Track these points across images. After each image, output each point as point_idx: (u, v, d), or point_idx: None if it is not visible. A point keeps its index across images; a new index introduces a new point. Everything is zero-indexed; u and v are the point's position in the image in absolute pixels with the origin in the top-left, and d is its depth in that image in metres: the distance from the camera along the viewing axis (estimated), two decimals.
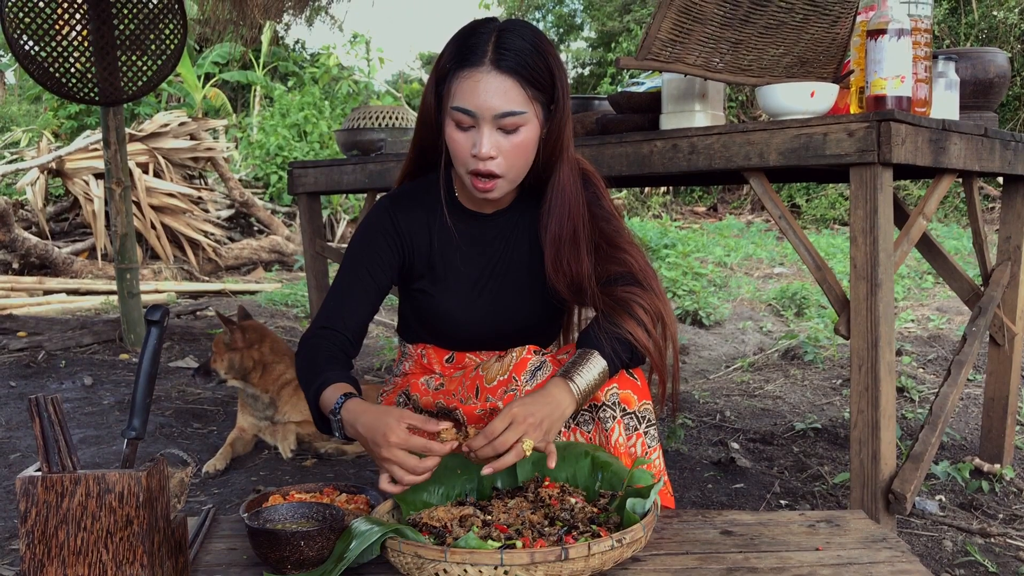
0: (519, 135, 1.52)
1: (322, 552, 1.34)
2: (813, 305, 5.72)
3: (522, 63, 1.49)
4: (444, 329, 1.72)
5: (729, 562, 1.36)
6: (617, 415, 1.54)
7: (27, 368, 4.29)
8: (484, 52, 1.50)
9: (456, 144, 1.54)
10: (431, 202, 1.69)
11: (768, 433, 3.11)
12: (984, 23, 10.67)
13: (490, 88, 1.49)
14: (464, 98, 1.50)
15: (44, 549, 1.17)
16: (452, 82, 1.53)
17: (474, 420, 1.57)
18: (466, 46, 1.52)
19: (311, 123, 11.88)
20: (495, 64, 1.49)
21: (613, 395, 1.55)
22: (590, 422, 1.56)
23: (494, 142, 1.51)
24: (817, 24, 2.11)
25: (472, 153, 1.52)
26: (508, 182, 1.57)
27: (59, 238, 8.45)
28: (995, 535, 2.22)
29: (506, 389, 1.52)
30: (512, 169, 1.55)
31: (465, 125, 1.52)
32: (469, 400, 1.59)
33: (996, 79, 2.36)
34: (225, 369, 2.92)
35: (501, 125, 1.51)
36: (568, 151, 1.62)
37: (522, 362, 1.55)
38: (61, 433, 1.18)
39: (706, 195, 12.63)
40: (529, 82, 1.50)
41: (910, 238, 2.04)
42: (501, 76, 1.49)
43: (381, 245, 1.67)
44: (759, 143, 2.01)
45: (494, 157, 1.52)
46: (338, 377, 1.51)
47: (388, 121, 3.15)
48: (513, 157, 1.54)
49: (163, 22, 4.61)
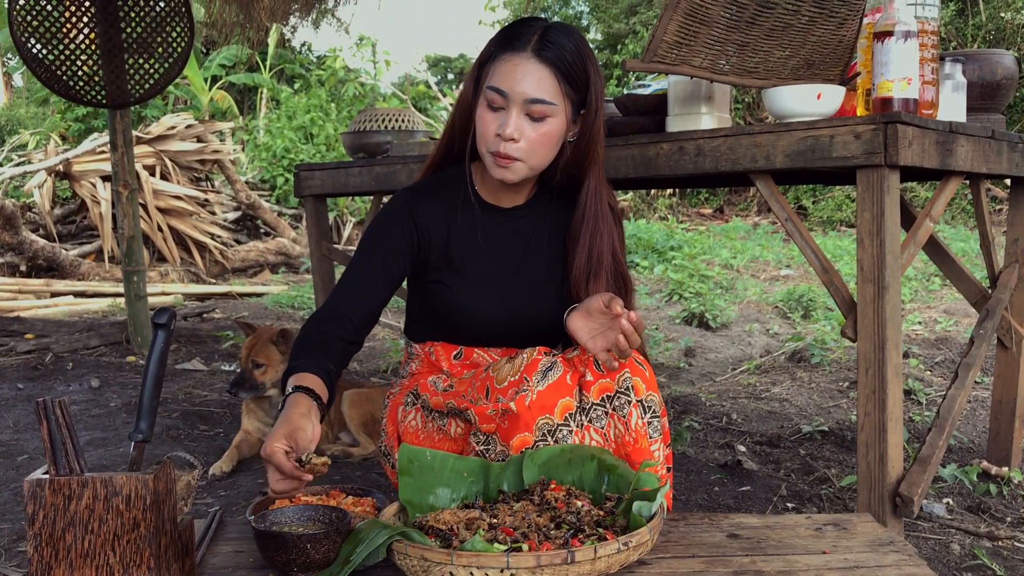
0: (545, 125, 1.60)
1: (328, 555, 1.34)
2: (820, 307, 5.71)
3: (561, 57, 1.58)
4: (457, 322, 1.74)
5: (736, 565, 1.36)
6: (632, 399, 1.56)
7: (34, 370, 4.30)
8: (528, 41, 1.59)
9: (484, 123, 1.62)
10: (451, 195, 1.73)
11: (775, 436, 3.10)
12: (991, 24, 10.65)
13: (526, 73, 1.58)
14: (500, 79, 1.59)
15: (52, 552, 1.17)
16: (493, 64, 1.62)
17: (485, 420, 1.57)
18: (513, 34, 1.62)
19: (317, 125, 11.90)
20: (536, 52, 1.58)
21: (626, 380, 1.56)
22: (603, 417, 1.57)
23: (519, 126, 1.59)
24: (823, 26, 2.10)
25: (496, 132, 1.59)
26: (527, 168, 1.63)
27: (66, 240, 8.48)
28: (1003, 538, 2.21)
29: (517, 390, 1.53)
30: (532, 156, 1.62)
31: (496, 105, 1.60)
32: (480, 401, 1.59)
33: (1003, 81, 2.36)
34: (271, 380, 2.86)
35: (529, 111, 1.59)
36: (600, 161, 1.69)
37: (533, 363, 1.55)
38: (68, 436, 1.18)
39: (712, 197, 12.61)
40: (564, 77, 1.59)
41: (917, 240, 2.04)
42: (539, 64, 1.58)
43: (397, 234, 1.70)
44: (765, 145, 2.00)
45: (516, 140, 1.59)
46: (308, 366, 1.51)
47: (394, 124, 3.15)
48: (535, 145, 1.61)
49: (170, 25, 4.63)
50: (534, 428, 1.52)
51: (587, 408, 1.57)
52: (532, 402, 1.52)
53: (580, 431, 1.56)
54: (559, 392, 1.54)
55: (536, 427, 1.52)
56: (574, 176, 1.70)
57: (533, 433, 1.52)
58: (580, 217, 1.70)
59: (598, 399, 1.56)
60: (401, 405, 1.78)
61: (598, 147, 1.68)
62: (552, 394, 1.53)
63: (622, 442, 1.56)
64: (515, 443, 1.53)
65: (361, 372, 4.32)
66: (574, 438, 1.54)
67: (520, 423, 1.52)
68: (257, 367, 2.85)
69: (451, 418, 1.68)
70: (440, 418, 1.70)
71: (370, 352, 4.88)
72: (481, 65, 1.65)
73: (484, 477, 1.50)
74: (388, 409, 1.82)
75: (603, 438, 1.57)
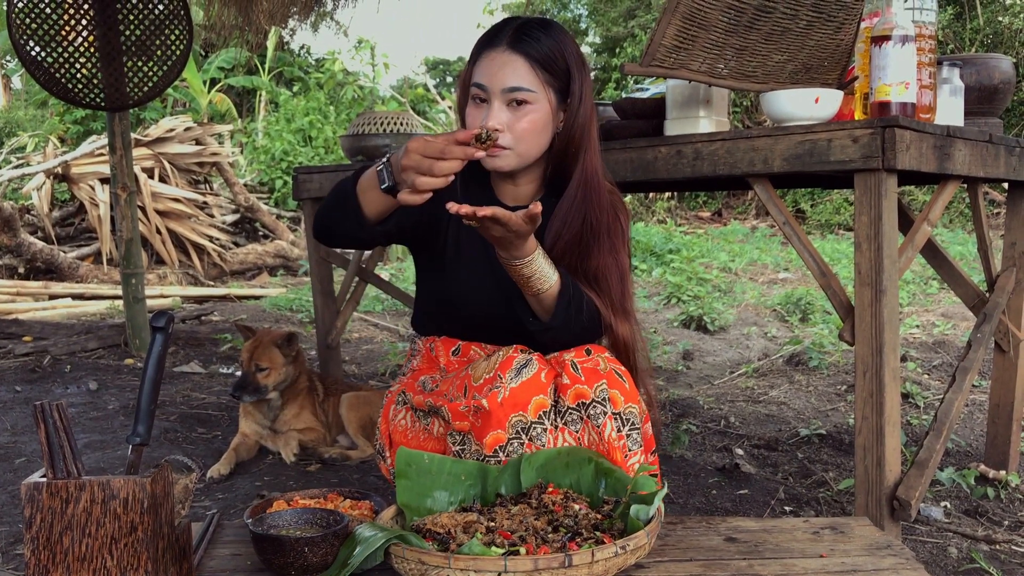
0: (527, 112, 1.63)
1: (326, 558, 1.34)
2: (818, 311, 5.72)
3: (535, 47, 1.63)
4: (453, 310, 1.76)
5: (733, 569, 1.36)
6: (608, 411, 1.54)
7: (32, 373, 4.30)
8: (504, 36, 1.65)
9: (471, 117, 1.67)
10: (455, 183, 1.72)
11: (772, 439, 3.10)
12: (989, 28, 10.67)
13: (502, 64, 1.63)
14: (480, 74, 1.65)
15: (49, 555, 1.17)
16: (475, 63, 1.68)
17: (459, 418, 1.57)
18: (491, 33, 1.69)
19: (316, 128, 11.91)
20: (510, 45, 1.64)
21: (602, 391, 1.55)
22: (578, 421, 1.55)
23: (500, 116, 1.63)
24: (821, 30, 2.11)
25: (481, 125, 1.62)
26: (516, 156, 1.66)
27: (65, 243, 8.48)
28: (1000, 542, 2.21)
29: (491, 387, 1.53)
30: (520, 143, 1.65)
31: (480, 99, 1.65)
32: (456, 398, 1.59)
33: (1001, 85, 2.36)
34: (274, 384, 2.88)
35: (509, 99, 1.62)
36: (592, 149, 1.70)
37: (508, 360, 1.55)
38: (66, 439, 1.18)
39: (710, 200, 12.62)
40: (541, 65, 1.63)
41: (915, 244, 2.04)
42: (514, 55, 1.63)
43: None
44: (763, 149, 2.01)
45: (500, 130, 1.62)
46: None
47: (393, 127, 3.16)
48: (521, 133, 1.64)
49: (169, 28, 4.63)
50: (507, 426, 1.51)
51: (562, 411, 1.56)
52: (504, 399, 1.51)
53: (555, 431, 1.55)
54: (532, 390, 1.53)
55: (509, 424, 1.51)
56: (569, 159, 1.69)
57: (506, 431, 1.51)
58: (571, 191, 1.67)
59: (574, 404, 1.55)
60: (393, 404, 1.79)
61: (588, 138, 1.68)
62: (525, 391, 1.52)
63: (596, 450, 1.55)
64: (488, 441, 1.52)
65: (359, 375, 4.32)
66: (548, 437, 1.54)
67: (492, 420, 1.51)
68: (260, 370, 2.85)
69: (433, 417, 1.69)
70: (424, 417, 1.71)
71: (368, 355, 4.88)
72: (468, 70, 1.70)
73: (482, 480, 1.50)
74: (383, 407, 1.83)
75: (576, 442, 1.56)
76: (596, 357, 1.58)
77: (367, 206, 1.59)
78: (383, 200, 1.56)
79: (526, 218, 1.42)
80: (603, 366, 1.57)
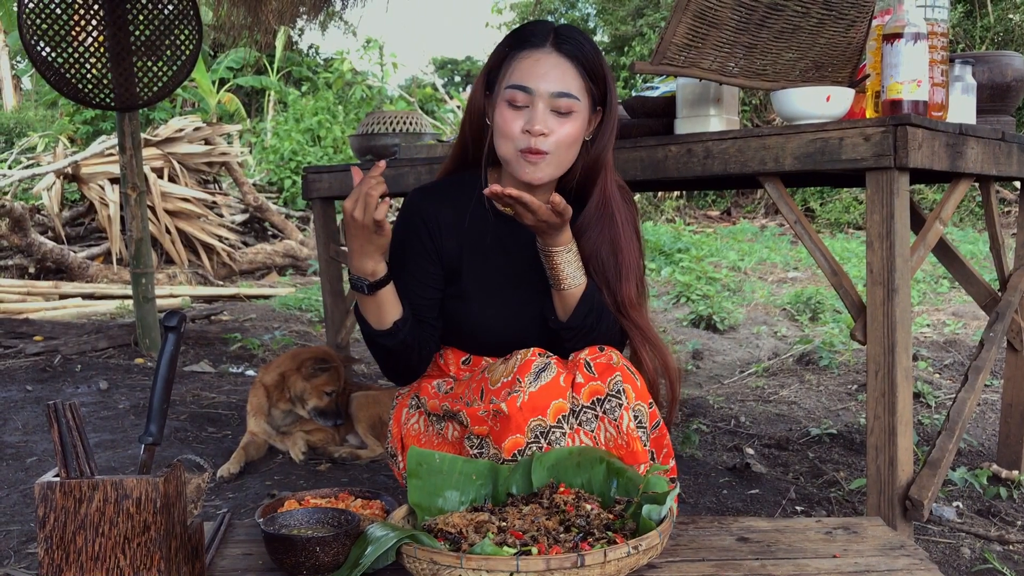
0: (569, 121, 1.57)
1: (337, 558, 1.34)
2: (828, 310, 5.70)
3: (581, 51, 1.57)
4: (464, 331, 1.73)
5: (746, 569, 1.35)
6: (623, 403, 1.53)
7: (43, 372, 4.32)
8: (545, 37, 1.57)
9: (506, 122, 1.57)
10: (462, 201, 1.70)
11: (783, 439, 3.10)
12: (1000, 26, 10.61)
13: (550, 67, 1.55)
14: (522, 76, 1.56)
15: (62, 554, 1.17)
16: (510, 63, 1.59)
17: (478, 422, 1.56)
18: (526, 32, 1.60)
19: (325, 128, 11.92)
20: (556, 47, 1.57)
21: (616, 383, 1.54)
22: (593, 420, 1.54)
23: (549, 123, 1.55)
24: (832, 28, 2.10)
25: (524, 129, 1.55)
26: (553, 166, 1.59)
27: (75, 243, 8.51)
28: (1014, 542, 2.20)
29: (510, 391, 1.51)
30: (558, 151, 1.58)
31: (519, 103, 1.56)
32: (474, 402, 1.58)
33: (1013, 83, 2.35)
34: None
35: (555, 106, 1.55)
36: (611, 166, 1.67)
37: (526, 364, 1.54)
38: (79, 439, 1.19)
39: (720, 199, 12.60)
40: (586, 71, 1.58)
41: (927, 243, 2.03)
42: (561, 58, 1.56)
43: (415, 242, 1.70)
44: (774, 148, 2.00)
45: (546, 134, 1.55)
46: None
47: (402, 126, 3.16)
48: (562, 139, 1.57)
49: (178, 28, 4.64)
50: (526, 430, 1.50)
51: (576, 411, 1.54)
52: (524, 403, 1.49)
53: (572, 434, 1.54)
54: (552, 393, 1.52)
55: (528, 429, 1.50)
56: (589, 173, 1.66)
57: (525, 435, 1.50)
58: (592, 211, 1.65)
59: (588, 402, 1.53)
60: (406, 408, 1.78)
61: (611, 147, 1.66)
62: (545, 395, 1.51)
63: (615, 446, 1.53)
64: (507, 445, 1.50)
65: (369, 375, 4.32)
66: (567, 440, 1.52)
67: (512, 425, 1.50)
68: (332, 398, 2.93)
69: (448, 421, 1.68)
70: (438, 421, 1.70)
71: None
72: (492, 70, 1.63)
73: (493, 480, 1.50)
74: (394, 411, 1.82)
75: (592, 442, 1.54)
76: (609, 352, 1.58)
77: (383, 316, 1.60)
78: (382, 299, 1.58)
79: (552, 209, 1.45)
80: (615, 360, 1.56)
